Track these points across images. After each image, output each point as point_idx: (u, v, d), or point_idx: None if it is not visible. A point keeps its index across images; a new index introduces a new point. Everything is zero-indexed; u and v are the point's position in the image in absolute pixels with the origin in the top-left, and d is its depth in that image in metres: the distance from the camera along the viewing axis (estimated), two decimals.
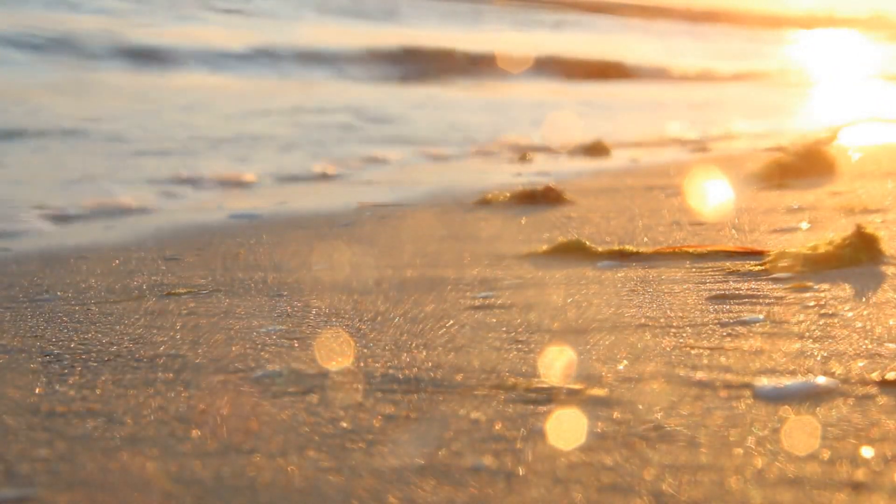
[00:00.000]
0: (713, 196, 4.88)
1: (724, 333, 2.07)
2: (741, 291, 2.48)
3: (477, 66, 17.20)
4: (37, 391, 1.93)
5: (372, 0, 27.54)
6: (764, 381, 1.70)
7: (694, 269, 2.84)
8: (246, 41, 17.29)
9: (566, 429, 1.58)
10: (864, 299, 2.26)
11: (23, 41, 14.75)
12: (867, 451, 1.40)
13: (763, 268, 2.72)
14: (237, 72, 15.86)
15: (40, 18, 16.67)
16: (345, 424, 1.65)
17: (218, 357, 2.13)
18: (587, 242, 3.29)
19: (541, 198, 4.86)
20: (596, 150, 8.80)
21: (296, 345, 2.21)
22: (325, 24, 22.86)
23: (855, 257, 2.65)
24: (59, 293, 3.09)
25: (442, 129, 10.37)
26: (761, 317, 2.18)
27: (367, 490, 1.39)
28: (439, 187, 6.47)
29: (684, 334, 2.09)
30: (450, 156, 8.68)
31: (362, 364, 2.00)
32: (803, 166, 5.22)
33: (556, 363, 1.93)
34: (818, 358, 1.83)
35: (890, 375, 1.68)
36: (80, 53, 14.90)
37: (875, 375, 1.70)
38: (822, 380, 1.68)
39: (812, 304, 2.26)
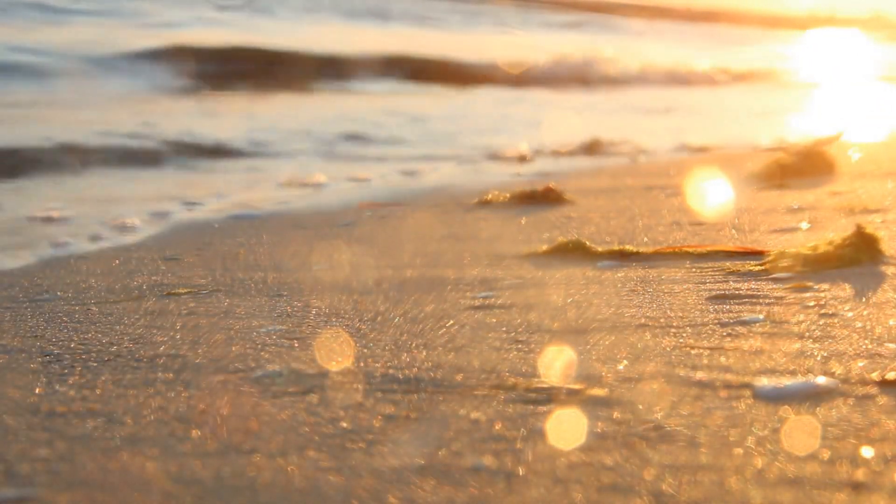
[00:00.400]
0: (713, 196, 4.87)
1: (724, 333, 2.07)
2: (741, 291, 2.48)
3: (474, 70, 17.19)
4: (37, 391, 1.93)
5: (369, 1, 27.53)
6: (764, 381, 1.70)
7: (694, 269, 2.84)
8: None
9: (566, 429, 1.58)
10: (864, 299, 2.26)
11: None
12: (867, 451, 1.40)
13: (763, 268, 2.72)
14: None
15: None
16: (345, 424, 1.65)
17: (218, 357, 2.13)
18: (587, 242, 3.28)
19: (541, 198, 4.85)
20: (596, 150, 8.81)
21: (296, 345, 2.21)
22: (327, 26, 22.85)
23: (855, 257, 2.65)
24: (59, 293, 3.09)
25: (441, 130, 10.37)
26: (761, 317, 2.18)
27: (367, 490, 1.39)
28: (439, 187, 6.47)
29: (684, 334, 2.09)
30: (449, 156, 8.68)
31: (362, 364, 2.00)
32: (803, 166, 5.22)
33: (556, 363, 1.93)
34: (818, 358, 1.83)
35: (890, 375, 1.68)
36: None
37: (875, 375, 1.70)
38: (822, 380, 1.68)
39: (812, 304, 2.26)
